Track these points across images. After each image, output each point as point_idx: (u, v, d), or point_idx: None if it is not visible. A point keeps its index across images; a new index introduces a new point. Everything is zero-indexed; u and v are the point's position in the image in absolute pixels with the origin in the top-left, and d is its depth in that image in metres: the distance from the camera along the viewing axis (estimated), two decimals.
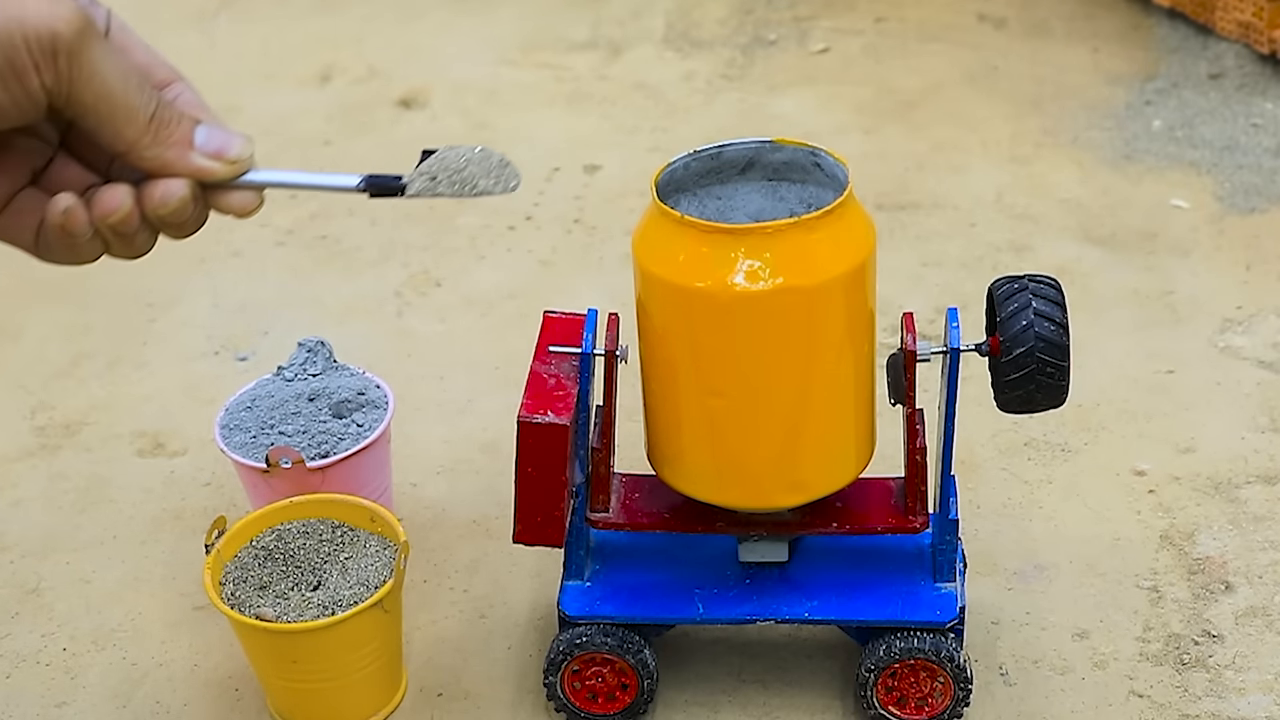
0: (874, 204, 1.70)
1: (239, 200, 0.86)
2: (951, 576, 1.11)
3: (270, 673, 1.13)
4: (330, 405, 1.27)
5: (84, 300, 1.65)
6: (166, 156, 0.83)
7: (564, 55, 2.08)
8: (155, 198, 0.83)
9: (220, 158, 0.84)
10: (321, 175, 0.90)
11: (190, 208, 0.84)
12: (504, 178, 0.94)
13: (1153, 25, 2.03)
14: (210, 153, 0.84)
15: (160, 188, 0.83)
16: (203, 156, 0.83)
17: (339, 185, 0.91)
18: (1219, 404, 1.42)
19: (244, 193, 0.86)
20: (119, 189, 0.82)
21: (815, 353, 1.00)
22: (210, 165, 0.84)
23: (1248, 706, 1.13)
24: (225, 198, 0.85)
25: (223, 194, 0.85)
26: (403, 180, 0.93)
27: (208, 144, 0.84)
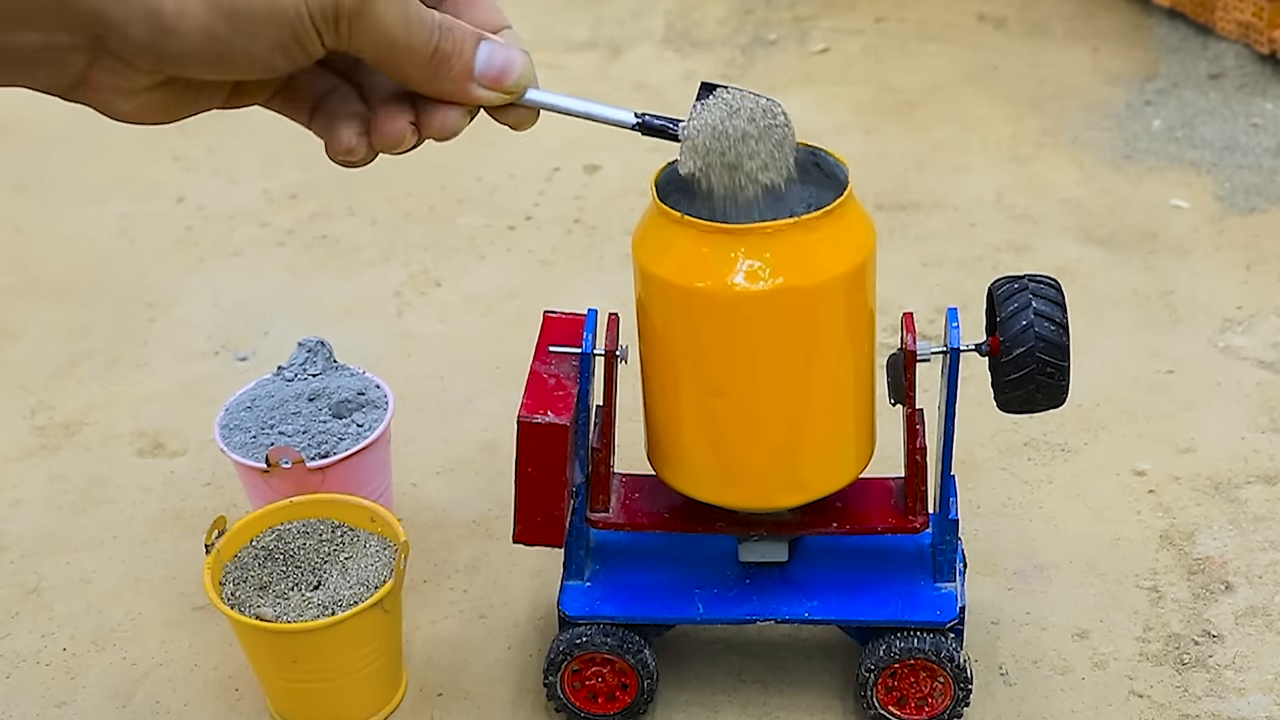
0: (874, 204, 1.70)
1: (515, 117, 0.87)
2: (951, 576, 1.11)
3: (270, 673, 1.13)
4: (330, 405, 1.27)
5: (84, 300, 1.65)
6: (448, 90, 0.84)
7: (564, 55, 2.08)
8: (435, 125, 0.85)
9: (499, 85, 0.85)
10: (598, 105, 0.92)
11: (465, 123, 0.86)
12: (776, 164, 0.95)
13: (1153, 25, 2.03)
14: (490, 80, 0.84)
15: (438, 118, 0.85)
16: (482, 87, 0.84)
17: (614, 119, 0.93)
18: (1219, 404, 1.42)
19: (521, 110, 0.87)
20: (399, 122, 0.84)
21: (815, 353, 1.00)
22: (489, 95, 0.85)
23: (1248, 706, 1.14)
24: (504, 114, 0.87)
25: (500, 110, 0.87)
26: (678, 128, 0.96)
27: (488, 69, 0.84)
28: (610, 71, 2.04)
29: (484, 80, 0.84)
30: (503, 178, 1.81)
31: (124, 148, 1.92)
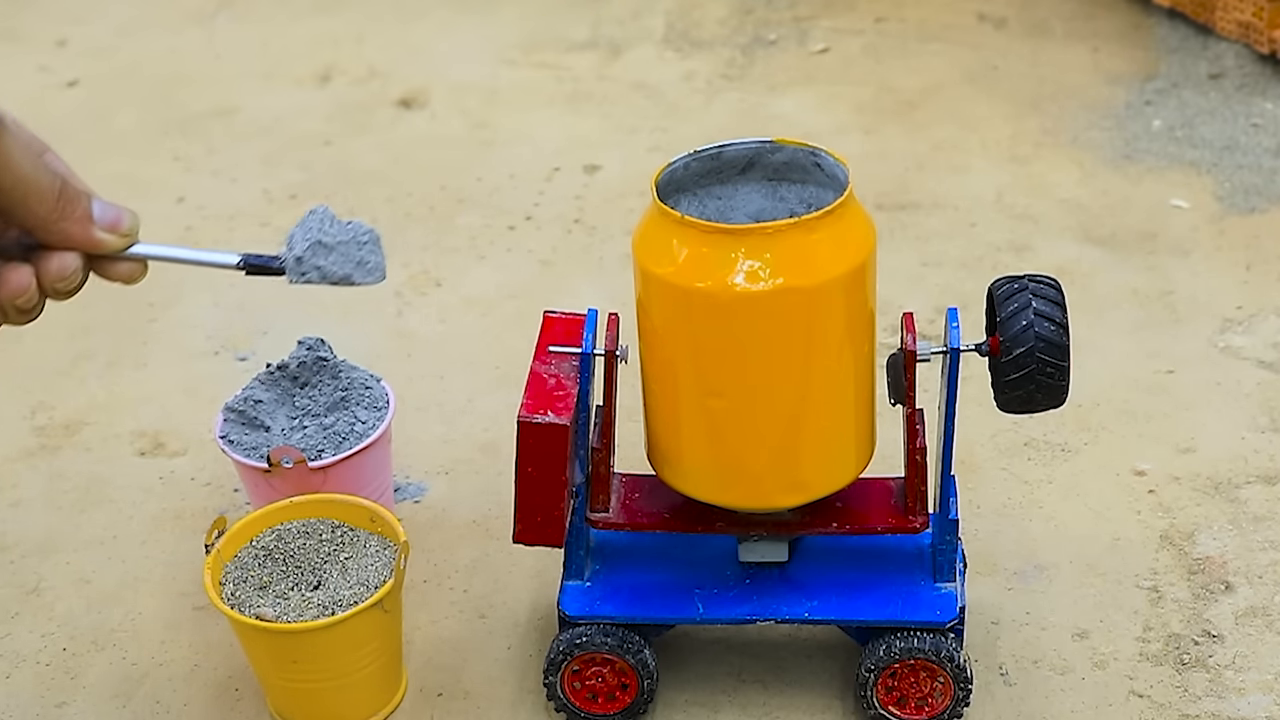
0: (874, 204, 1.70)
1: (125, 270, 0.95)
2: (951, 576, 1.11)
3: (270, 673, 1.13)
4: (330, 404, 1.27)
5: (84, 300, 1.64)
6: (71, 231, 0.90)
7: (564, 55, 2.08)
8: (53, 271, 0.90)
9: (115, 230, 0.92)
10: (202, 252, 1.00)
11: (81, 278, 0.92)
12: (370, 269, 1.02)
13: (1153, 25, 2.03)
14: (108, 225, 0.92)
15: (56, 262, 0.90)
16: (101, 230, 0.91)
17: (218, 262, 1.01)
18: (1219, 404, 1.42)
19: (130, 263, 0.94)
20: (23, 270, 0.90)
21: (815, 353, 1.00)
22: (107, 238, 0.92)
23: (1248, 706, 1.14)
24: (113, 267, 0.94)
25: (110, 264, 0.94)
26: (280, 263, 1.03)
27: (103, 218, 0.92)
28: (610, 71, 2.04)
29: (102, 224, 0.91)
30: (503, 178, 1.81)
31: (124, 148, 1.92)
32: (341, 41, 2.14)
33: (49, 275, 0.90)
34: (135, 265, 0.95)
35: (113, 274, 0.94)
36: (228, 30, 2.21)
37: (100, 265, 0.93)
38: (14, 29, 2.23)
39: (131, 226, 0.94)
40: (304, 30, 2.19)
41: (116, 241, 0.93)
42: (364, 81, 2.04)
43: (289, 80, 2.06)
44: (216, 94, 2.03)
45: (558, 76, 2.03)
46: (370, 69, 2.07)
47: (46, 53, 2.16)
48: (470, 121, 1.94)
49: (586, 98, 1.98)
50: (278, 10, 2.24)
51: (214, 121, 1.97)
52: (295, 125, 1.95)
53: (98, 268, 0.93)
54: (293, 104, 2.00)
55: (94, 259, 0.92)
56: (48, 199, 0.89)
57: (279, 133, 1.93)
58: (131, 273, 0.95)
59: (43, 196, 0.88)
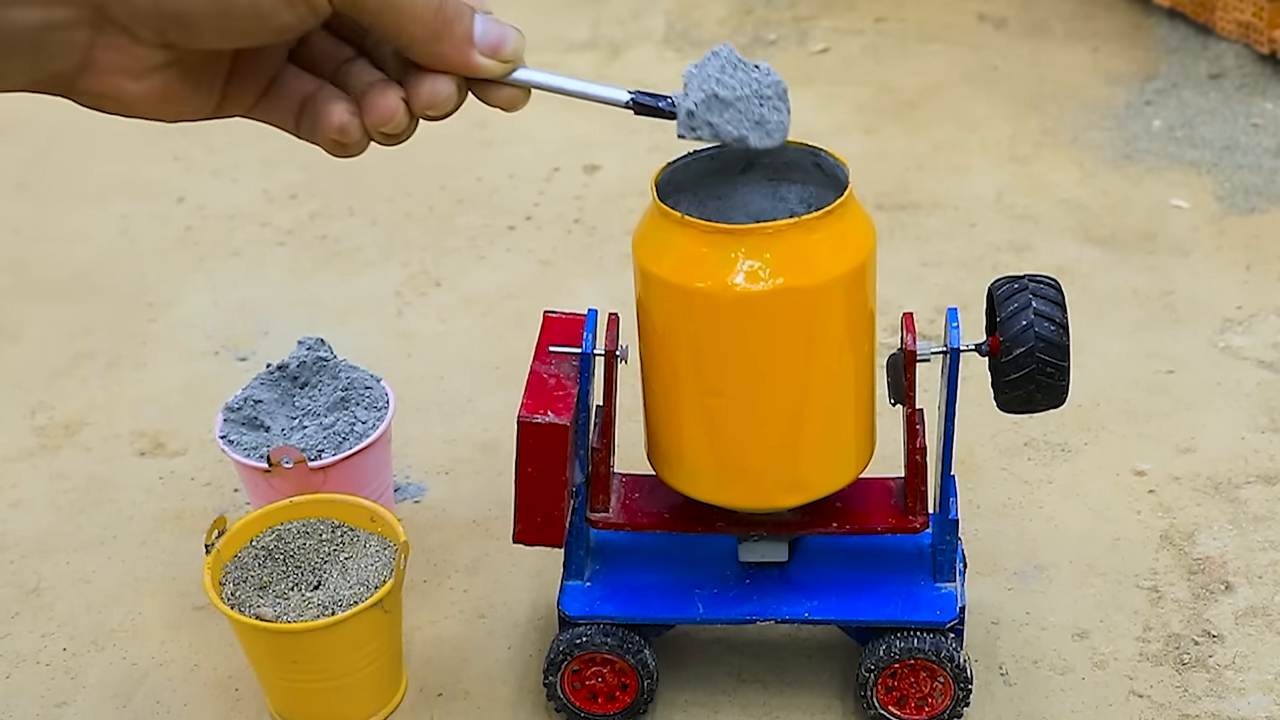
0: (874, 204, 1.70)
1: (507, 96, 0.85)
2: (951, 576, 1.11)
3: (270, 673, 1.13)
4: (330, 404, 1.27)
5: (84, 300, 1.65)
6: (449, 54, 0.81)
7: (564, 55, 2.08)
8: (423, 98, 0.82)
9: (496, 54, 0.83)
10: (590, 84, 0.89)
11: (456, 99, 0.83)
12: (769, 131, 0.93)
13: (1153, 25, 2.03)
14: (487, 48, 0.82)
15: (427, 87, 0.82)
16: (481, 54, 0.82)
17: (606, 98, 0.90)
18: (1219, 404, 1.42)
19: (511, 90, 0.85)
20: (390, 96, 0.82)
21: (815, 353, 1.00)
22: (487, 63, 0.83)
23: (1248, 706, 1.14)
24: (494, 93, 0.84)
25: (491, 88, 0.84)
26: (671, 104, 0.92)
27: (485, 38, 0.82)
28: (610, 71, 2.03)
29: (482, 47, 0.82)
30: (503, 178, 1.81)
31: (124, 148, 1.92)
32: None
33: (419, 101, 0.82)
34: (517, 92, 0.85)
35: (492, 98, 0.85)
36: None
37: (480, 87, 0.84)
38: None
39: (515, 50, 0.83)
40: None
41: (496, 67, 0.83)
42: None
43: None
44: None
45: None
46: None
47: None
48: (470, 121, 1.94)
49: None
50: None
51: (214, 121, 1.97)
52: None
53: (476, 89, 0.84)
54: None
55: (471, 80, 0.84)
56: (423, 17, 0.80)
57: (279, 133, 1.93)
58: (513, 99, 0.85)
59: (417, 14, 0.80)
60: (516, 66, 0.84)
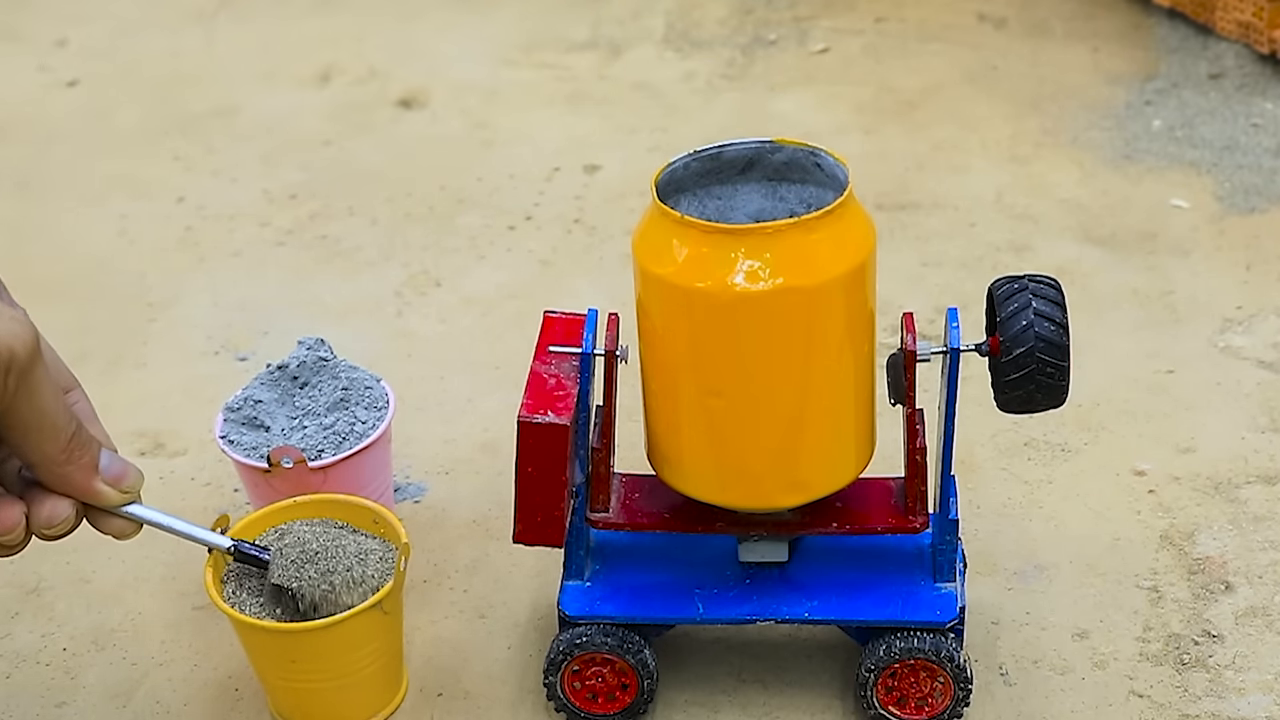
0: (874, 204, 1.70)
1: (119, 526, 0.93)
2: (951, 576, 1.11)
3: (270, 673, 1.13)
4: (330, 404, 1.27)
5: (84, 300, 1.65)
6: (74, 477, 0.89)
7: (564, 55, 2.08)
8: (43, 517, 0.89)
9: (117, 485, 0.91)
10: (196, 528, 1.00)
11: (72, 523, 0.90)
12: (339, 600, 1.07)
13: (1153, 25, 2.03)
14: (110, 479, 0.90)
15: (48, 508, 0.89)
16: (103, 483, 0.90)
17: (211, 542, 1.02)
18: (1219, 404, 1.42)
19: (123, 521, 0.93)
20: (13, 509, 0.88)
21: (815, 353, 1.00)
22: (108, 492, 0.90)
23: (1248, 706, 1.14)
24: (108, 521, 0.92)
25: (106, 517, 0.92)
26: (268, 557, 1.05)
27: (108, 470, 0.90)
28: (610, 71, 2.03)
29: (106, 477, 0.90)
30: (503, 178, 1.81)
31: (124, 148, 1.92)
32: (341, 41, 2.14)
33: (39, 519, 0.89)
34: (128, 523, 0.94)
35: (105, 527, 0.93)
36: (228, 30, 2.21)
37: (94, 515, 0.92)
38: (14, 29, 2.23)
39: (134, 484, 0.92)
40: (304, 30, 2.19)
41: (115, 496, 0.91)
42: (364, 81, 2.04)
43: (289, 80, 2.06)
44: (216, 94, 2.03)
45: (558, 76, 2.03)
46: (370, 69, 2.07)
47: (46, 53, 2.16)
48: (470, 121, 1.94)
49: (586, 98, 1.98)
50: (278, 10, 2.24)
51: (214, 121, 1.97)
52: (295, 125, 1.95)
53: (91, 516, 0.92)
54: (293, 104, 2.00)
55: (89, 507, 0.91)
56: (60, 439, 0.87)
57: (279, 133, 1.93)
58: (124, 530, 0.94)
59: (56, 435, 0.87)
60: (134, 499, 0.92)
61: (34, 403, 0.85)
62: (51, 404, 0.86)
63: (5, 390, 0.84)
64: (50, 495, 0.89)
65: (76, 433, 0.88)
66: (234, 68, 2.10)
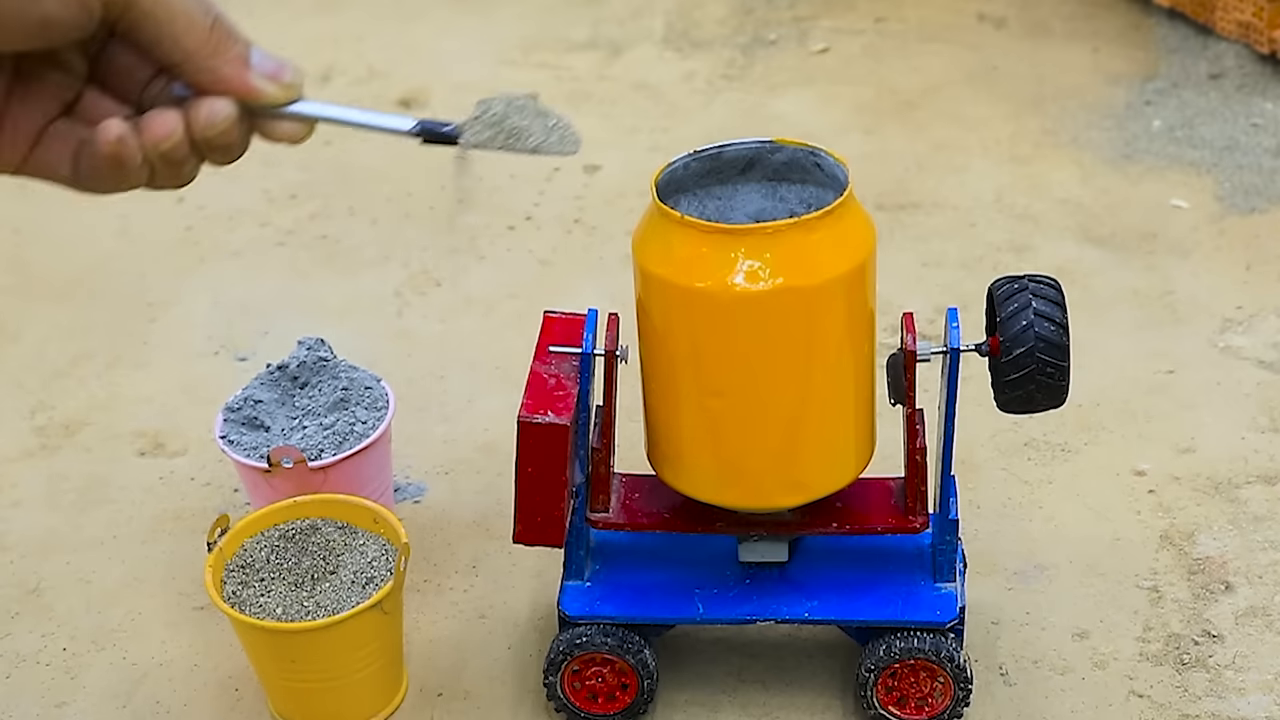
0: (874, 204, 1.70)
1: (289, 129, 0.84)
2: (951, 576, 1.11)
3: (270, 672, 1.13)
4: (330, 404, 1.27)
5: (84, 300, 1.65)
6: (223, 71, 0.80)
7: (564, 55, 2.08)
8: (202, 118, 0.80)
9: (275, 80, 0.81)
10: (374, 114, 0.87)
11: (236, 130, 0.81)
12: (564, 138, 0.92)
13: (1153, 25, 2.03)
14: (267, 72, 0.81)
15: (206, 107, 0.80)
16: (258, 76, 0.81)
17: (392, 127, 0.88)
18: (1219, 404, 1.42)
19: (294, 122, 0.83)
20: (169, 114, 0.80)
21: (815, 353, 1.00)
22: (265, 86, 0.81)
23: (1248, 706, 1.14)
24: (276, 126, 0.83)
25: (273, 122, 0.83)
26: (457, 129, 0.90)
27: (262, 64, 0.81)
28: (610, 71, 2.03)
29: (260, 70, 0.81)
30: (503, 178, 1.81)
31: None
32: (341, 41, 2.14)
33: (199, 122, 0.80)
34: (299, 125, 0.84)
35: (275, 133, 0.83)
36: None
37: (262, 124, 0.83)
38: None
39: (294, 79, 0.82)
40: (304, 30, 2.19)
41: (276, 92, 0.82)
42: (364, 81, 2.04)
43: None
44: None
45: (558, 76, 2.03)
46: (370, 69, 2.07)
47: None
48: None
49: (586, 98, 1.98)
50: (278, 10, 2.24)
51: None
52: None
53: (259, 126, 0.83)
54: None
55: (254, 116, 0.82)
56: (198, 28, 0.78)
57: None
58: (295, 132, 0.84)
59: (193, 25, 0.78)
60: (298, 96, 0.83)
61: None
62: None
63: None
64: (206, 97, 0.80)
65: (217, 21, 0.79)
66: None
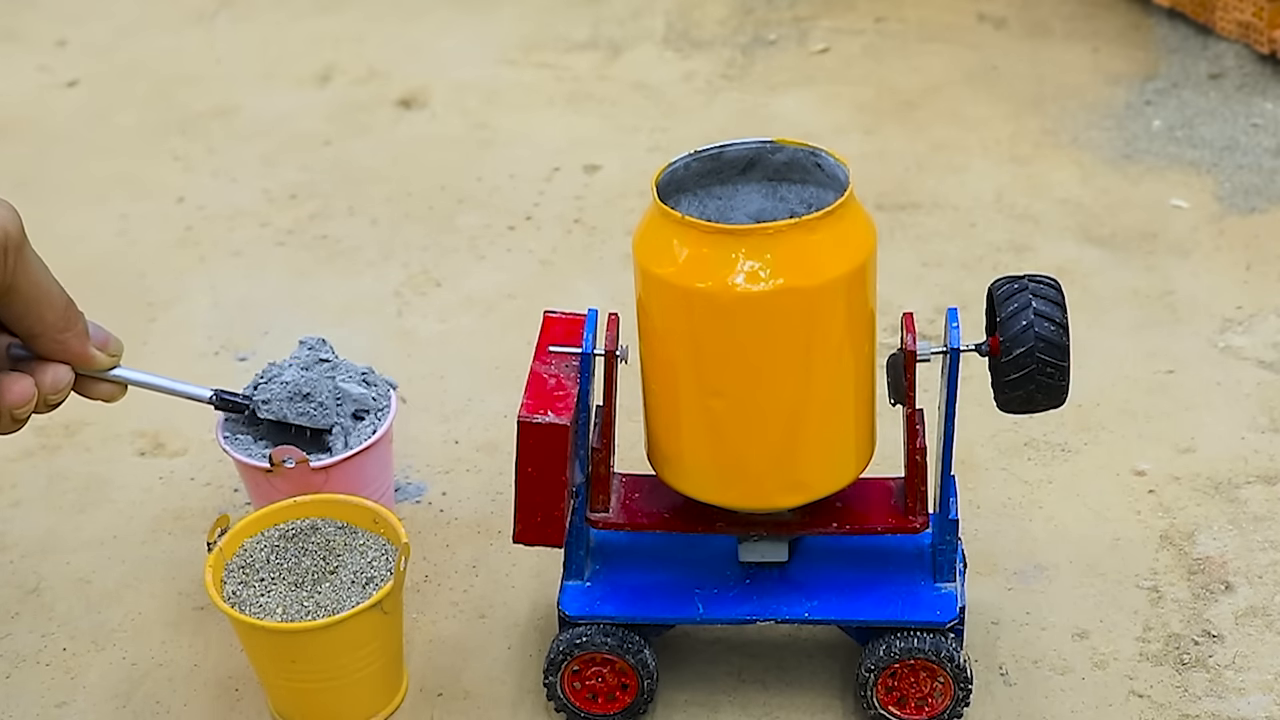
0: (874, 204, 1.70)
1: (107, 390, 1.01)
2: (951, 576, 1.11)
3: (270, 673, 1.13)
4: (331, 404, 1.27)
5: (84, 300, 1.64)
6: (71, 344, 0.97)
7: (564, 55, 2.08)
8: (47, 383, 0.96)
9: (105, 348, 0.99)
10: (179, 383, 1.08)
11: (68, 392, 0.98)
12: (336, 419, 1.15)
13: (1153, 25, 2.03)
14: (99, 342, 0.98)
15: (51, 374, 0.96)
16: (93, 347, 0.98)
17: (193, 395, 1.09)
18: (1219, 404, 1.42)
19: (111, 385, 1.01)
20: (25, 380, 0.95)
21: (815, 353, 1.00)
22: (100, 356, 0.99)
23: (1248, 706, 1.14)
24: (96, 387, 1.00)
25: (94, 383, 1.00)
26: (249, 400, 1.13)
27: (96, 335, 0.98)
28: (610, 71, 2.03)
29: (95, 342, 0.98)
30: (503, 178, 1.81)
31: (124, 148, 1.92)
32: (341, 41, 2.14)
33: (44, 385, 0.95)
34: (116, 386, 1.01)
35: (95, 393, 1.00)
36: (228, 30, 2.21)
37: (83, 384, 0.99)
38: (14, 29, 2.23)
39: (118, 348, 1.00)
40: (304, 30, 2.19)
41: (106, 360, 0.99)
42: (364, 81, 2.04)
43: (289, 80, 2.06)
44: (216, 94, 2.03)
45: (558, 76, 2.03)
46: (370, 69, 2.07)
47: (46, 53, 2.16)
48: (470, 121, 1.94)
49: (586, 98, 1.98)
50: (278, 10, 2.24)
51: (214, 121, 1.97)
52: (295, 125, 1.95)
53: (80, 386, 0.99)
54: (293, 104, 2.00)
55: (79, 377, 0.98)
56: (58, 308, 0.95)
57: (279, 133, 1.93)
58: (112, 393, 1.01)
59: (54, 305, 0.94)
60: (118, 363, 1.01)
61: (31, 276, 0.92)
62: (46, 276, 0.94)
63: (6, 268, 0.91)
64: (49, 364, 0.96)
65: (69, 303, 0.96)
66: (234, 68, 2.10)
